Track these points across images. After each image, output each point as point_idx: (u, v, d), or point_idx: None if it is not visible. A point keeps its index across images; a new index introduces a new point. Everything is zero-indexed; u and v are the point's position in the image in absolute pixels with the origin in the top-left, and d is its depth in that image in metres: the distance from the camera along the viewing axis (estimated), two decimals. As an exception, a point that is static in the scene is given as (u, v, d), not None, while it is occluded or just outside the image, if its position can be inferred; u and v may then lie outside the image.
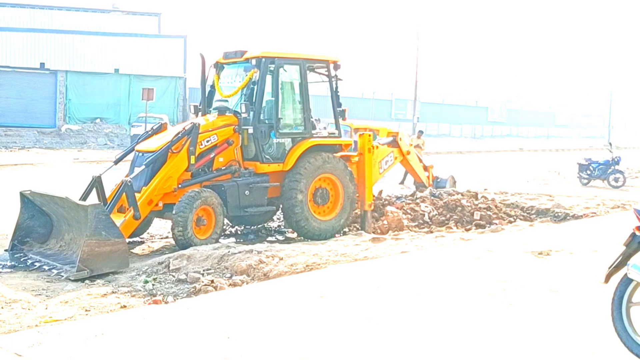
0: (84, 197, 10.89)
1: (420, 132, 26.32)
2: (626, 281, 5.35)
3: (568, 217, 14.96)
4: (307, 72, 13.06)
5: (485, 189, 19.06)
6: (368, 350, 5.37)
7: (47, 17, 43.54)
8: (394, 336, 5.74)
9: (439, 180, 17.48)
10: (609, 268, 5.51)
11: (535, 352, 5.43)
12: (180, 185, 11.46)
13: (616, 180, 24.10)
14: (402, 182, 21.23)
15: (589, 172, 24.79)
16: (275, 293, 7.23)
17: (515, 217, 14.86)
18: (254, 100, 12.33)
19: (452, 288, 7.49)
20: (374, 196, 14.09)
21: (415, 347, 5.49)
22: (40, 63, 40.77)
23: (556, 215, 15.34)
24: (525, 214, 15.49)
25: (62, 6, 45.57)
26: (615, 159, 24.50)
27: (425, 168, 17.36)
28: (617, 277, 5.44)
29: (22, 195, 10.82)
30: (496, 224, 13.65)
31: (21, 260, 10.05)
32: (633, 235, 5.39)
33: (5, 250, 10.53)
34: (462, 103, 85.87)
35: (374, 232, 12.70)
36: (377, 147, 14.26)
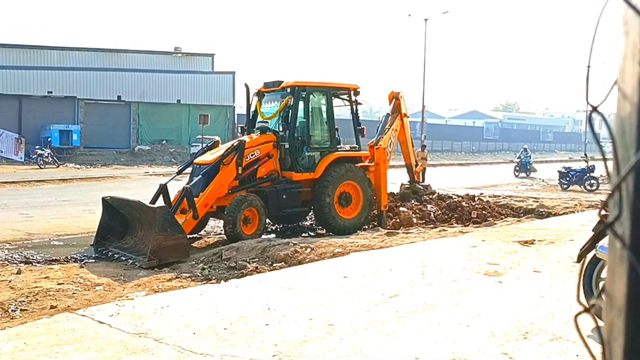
0: (153, 201, 11.01)
1: (424, 146, 26.04)
2: (595, 261, 5.33)
3: (550, 215, 14.80)
4: (332, 97, 13.13)
5: (481, 193, 18.93)
6: (382, 318, 5.41)
7: (123, 59, 44.05)
8: (405, 306, 5.76)
9: (420, 182, 17.19)
10: (581, 250, 5.50)
11: (518, 316, 5.43)
12: (230, 191, 11.54)
13: (591, 185, 23.82)
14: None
15: (568, 178, 24.53)
16: (307, 274, 7.29)
17: (505, 215, 14.74)
18: (289, 122, 12.42)
19: (453, 269, 7.49)
20: (388, 198, 14.06)
21: (420, 315, 5.51)
22: (117, 96, 41.27)
23: (540, 213, 15.16)
24: (514, 213, 15.34)
25: (134, 49, 46.14)
26: (590, 168, 24.23)
27: (416, 164, 16.76)
28: (588, 259, 5.42)
29: (104, 200, 11.00)
30: (490, 221, 13.57)
31: (103, 252, 10.21)
32: (600, 222, 5.37)
33: (91, 245, 10.71)
34: (461, 124, 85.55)
35: (388, 228, 12.69)
36: (381, 147, 13.87)
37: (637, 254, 0.58)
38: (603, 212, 3.66)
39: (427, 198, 15.69)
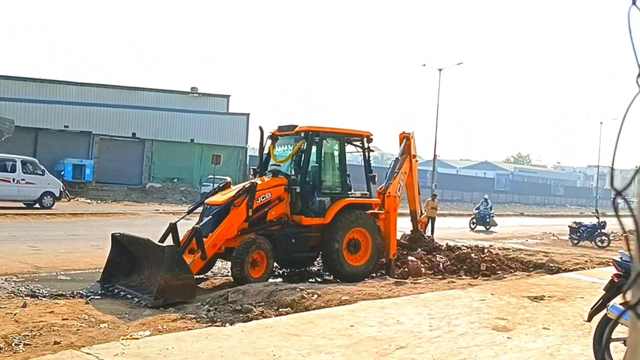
0: (162, 240, 10.99)
1: (434, 195, 26.08)
2: (606, 320, 5.27)
3: (560, 271, 14.64)
4: (345, 143, 13.23)
5: (490, 245, 18.82)
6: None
7: (139, 97, 44.69)
8: (412, 358, 5.70)
9: (425, 234, 16.95)
10: (592, 309, 5.45)
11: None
12: (239, 233, 11.53)
13: (602, 241, 23.64)
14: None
15: (578, 234, 24.37)
16: (313, 321, 7.23)
17: (515, 269, 14.61)
18: (301, 166, 12.49)
19: (461, 322, 7.41)
20: (397, 247, 13.99)
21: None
22: (132, 133, 41.79)
23: (550, 268, 15.01)
24: (524, 267, 15.20)
25: (151, 88, 46.81)
26: (601, 224, 24.05)
27: (421, 213, 16.45)
28: (599, 318, 5.37)
29: (113, 237, 11.04)
30: (499, 274, 13.46)
31: (109, 289, 10.19)
32: (612, 281, 5.33)
33: (98, 281, 10.70)
34: (472, 174, 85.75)
35: (396, 277, 12.59)
36: (388, 194, 13.84)
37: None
38: (616, 272, 3.65)
39: (431, 248, 15.46)
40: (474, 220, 30.07)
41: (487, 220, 30.12)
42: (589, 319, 5.53)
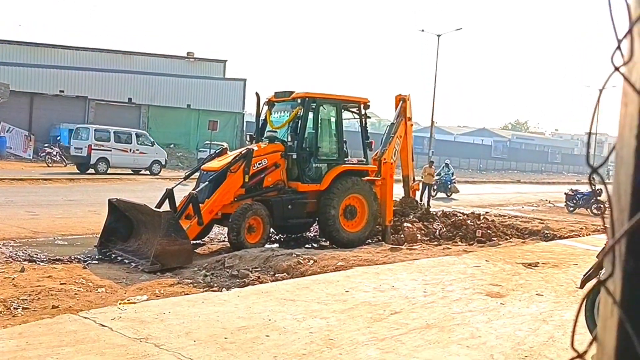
0: (159, 205, 11.03)
1: (431, 162, 26.06)
2: (597, 288, 5.32)
3: (555, 238, 14.75)
4: (342, 110, 13.19)
5: (486, 212, 18.91)
6: (382, 334, 5.42)
7: (135, 62, 44.35)
8: (406, 323, 5.77)
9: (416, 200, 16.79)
10: (584, 275, 5.51)
11: (519, 339, 5.43)
12: (236, 199, 11.58)
13: (597, 209, 23.74)
14: (420, 199, 20.46)
15: (574, 201, 24.47)
16: (309, 287, 7.30)
17: (510, 236, 14.71)
18: (298, 132, 12.48)
19: (455, 288, 7.50)
20: (393, 213, 14.05)
21: (420, 333, 5.52)
22: (128, 98, 41.53)
23: (545, 235, 15.11)
24: (519, 234, 15.30)
25: (147, 52, 46.44)
26: (597, 191, 24.09)
27: (414, 180, 16.06)
28: (590, 287, 5.43)
29: (110, 202, 11.07)
30: (494, 241, 13.55)
31: (106, 254, 10.26)
32: (605, 248, 5.38)
33: (95, 246, 10.76)
34: (470, 141, 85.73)
35: (392, 244, 12.69)
36: (384, 160, 13.88)
37: (626, 310, 0.61)
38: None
39: (422, 215, 15.19)
40: (435, 187, 26.97)
41: (449, 186, 28.56)
42: (582, 286, 5.60)
